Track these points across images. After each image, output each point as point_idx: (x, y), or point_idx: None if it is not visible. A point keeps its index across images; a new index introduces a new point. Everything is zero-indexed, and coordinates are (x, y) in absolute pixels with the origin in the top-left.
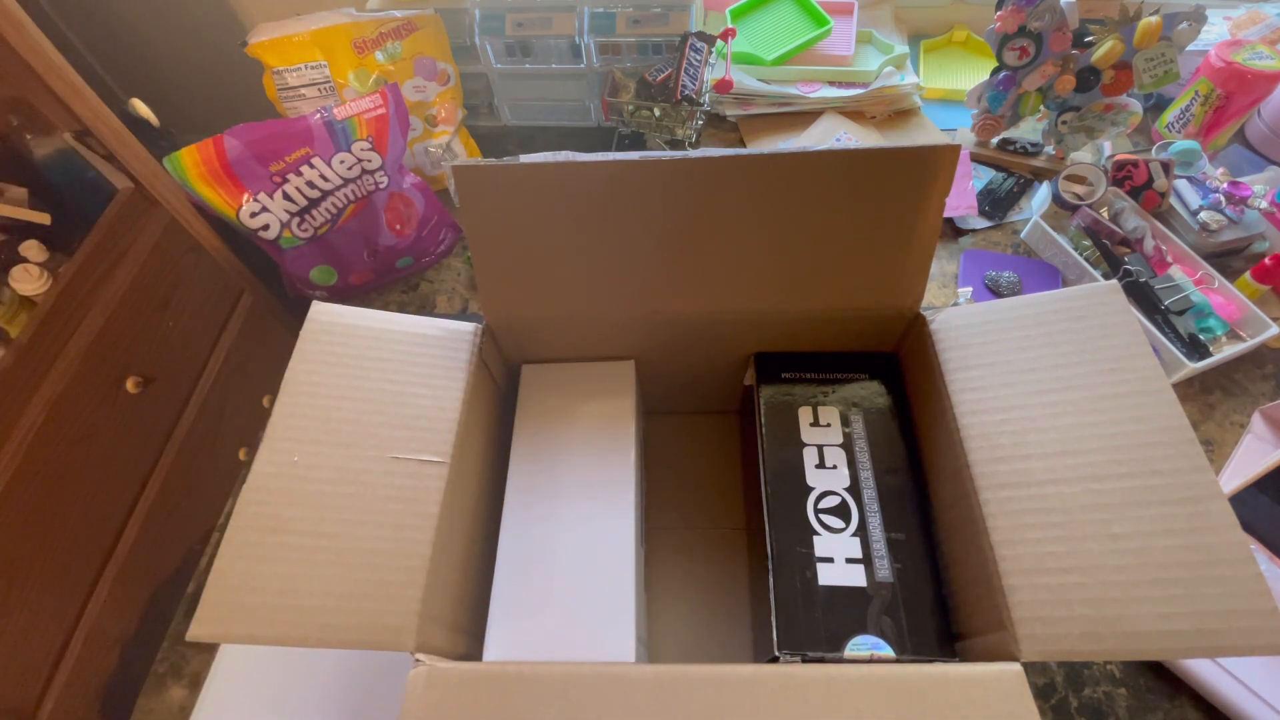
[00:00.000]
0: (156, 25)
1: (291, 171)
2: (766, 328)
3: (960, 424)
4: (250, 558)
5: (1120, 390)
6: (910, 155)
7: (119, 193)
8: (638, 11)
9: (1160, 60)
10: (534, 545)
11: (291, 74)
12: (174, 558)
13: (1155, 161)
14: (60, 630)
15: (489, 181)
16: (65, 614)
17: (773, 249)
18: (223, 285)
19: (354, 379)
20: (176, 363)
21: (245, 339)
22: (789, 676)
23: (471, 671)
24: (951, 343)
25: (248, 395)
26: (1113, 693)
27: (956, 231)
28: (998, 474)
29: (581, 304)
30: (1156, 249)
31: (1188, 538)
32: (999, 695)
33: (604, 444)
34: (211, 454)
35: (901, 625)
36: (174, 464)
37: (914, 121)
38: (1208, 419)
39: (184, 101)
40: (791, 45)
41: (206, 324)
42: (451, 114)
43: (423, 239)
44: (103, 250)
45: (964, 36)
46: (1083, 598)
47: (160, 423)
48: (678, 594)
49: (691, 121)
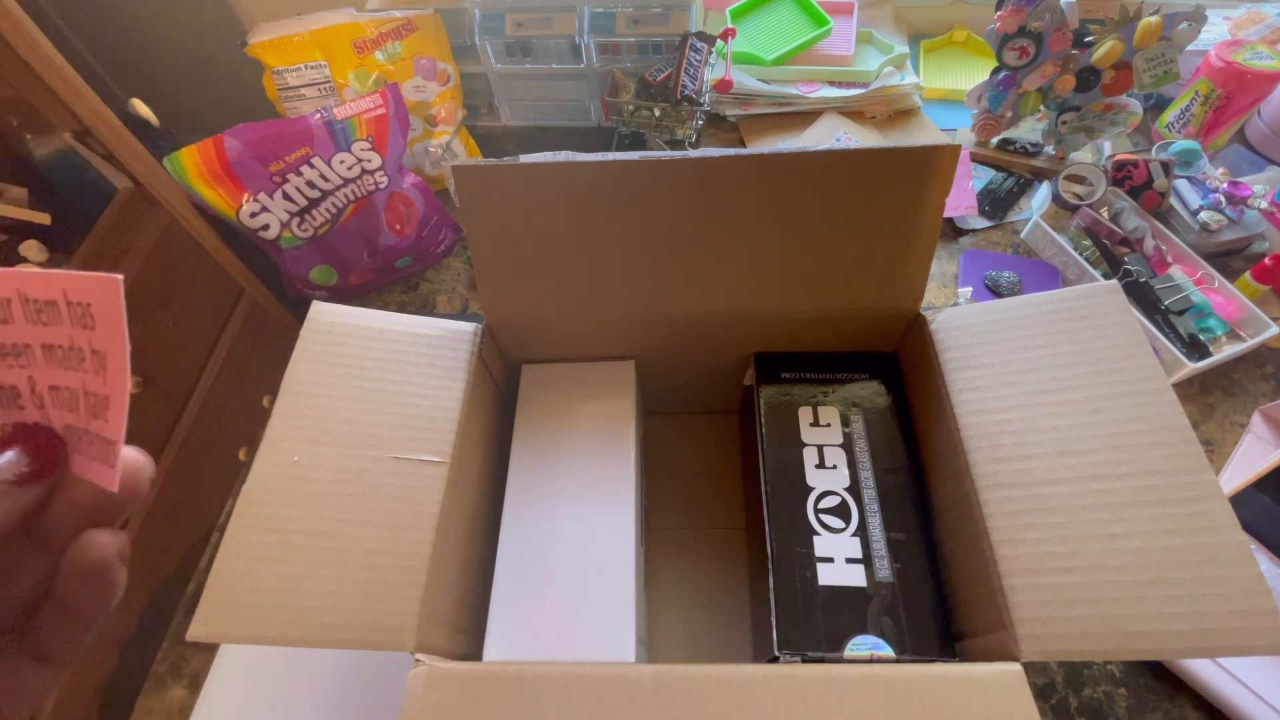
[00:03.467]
0: (157, 25)
1: (291, 171)
2: (766, 328)
3: (960, 424)
4: (250, 558)
5: (1120, 390)
6: (910, 155)
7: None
8: (638, 11)
9: (1160, 60)
10: (534, 545)
11: (291, 74)
12: (174, 557)
13: (1155, 161)
14: None
15: (489, 181)
16: None
17: (773, 249)
18: (223, 285)
19: (354, 379)
20: (176, 362)
21: (245, 339)
22: (789, 676)
23: (471, 671)
24: (951, 343)
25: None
26: (1113, 693)
27: (956, 231)
28: (998, 474)
29: (581, 304)
30: (1156, 249)
31: (1188, 538)
32: (999, 695)
33: (604, 444)
34: (211, 454)
35: (901, 625)
36: (174, 464)
37: (914, 121)
38: (1208, 419)
39: (184, 101)
40: (791, 45)
41: (206, 324)
42: (451, 114)
43: (423, 239)
44: (103, 250)
45: (964, 36)
46: (1083, 598)
47: (160, 422)
48: (678, 594)
49: (691, 121)
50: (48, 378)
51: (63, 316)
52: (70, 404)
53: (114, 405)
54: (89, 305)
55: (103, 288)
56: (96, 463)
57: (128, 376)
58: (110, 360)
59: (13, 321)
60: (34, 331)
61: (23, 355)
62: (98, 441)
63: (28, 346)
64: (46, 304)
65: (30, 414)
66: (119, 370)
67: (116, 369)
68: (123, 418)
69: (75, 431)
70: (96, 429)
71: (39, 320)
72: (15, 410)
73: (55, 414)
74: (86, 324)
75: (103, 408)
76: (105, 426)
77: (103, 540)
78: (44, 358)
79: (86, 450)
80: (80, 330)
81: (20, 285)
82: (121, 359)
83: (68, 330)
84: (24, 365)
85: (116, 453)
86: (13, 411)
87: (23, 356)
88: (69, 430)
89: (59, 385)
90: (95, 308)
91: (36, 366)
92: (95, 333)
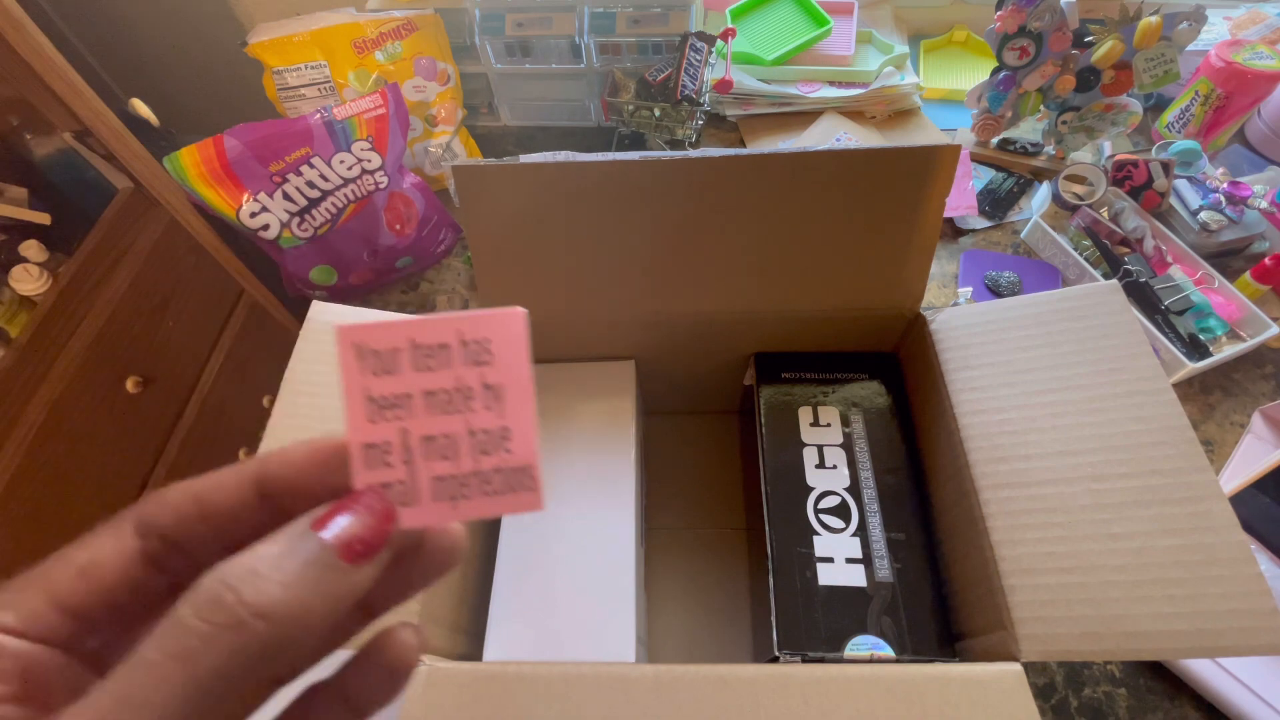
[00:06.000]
0: (157, 25)
1: (291, 171)
2: (766, 328)
3: (960, 424)
4: None
5: (1120, 390)
6: (910, 155)
7: (119, 193)
8: (638, 11)
9: (1160, 60)
10: (534, 545)
11: (291, 74)
12: None
13: (1155, 161)
14: None
15: (489, 181)
16: None
17: (773, 249)
18: (223, 285)
19: None
20: (177, 363)
21: (245, 339)
22: (789, 676)
23: (471, 671)
24: (951, 343)
25: (248, 395)
26: (1113, 693)
27: (956, 231)
28: (998, 474)
29: (581, 304)
30: (1156, 249)
31: (1188, 538)
32: (999, 695)
33: (604, 444)
34: (212, 454)
35: (901, 625)
36: (174, 464)
37: (914, 121)
38: (1208, 419)
39: (184, 101)
40: (791, 45)
41: (207, 324)
42: (451, 114)
43: (423, 239)
44: (103, 250)
45: (964, 36)
46: (1083, 598)
47: (160, 422)
48: (678, 594)
49: (691, 121)
50: (423, 428)
51: (453, 358)
52: (446, 451)
53: (518, 433)
54: (487, 341)
55: (504, 322)
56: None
57: (533, 406)
58: (510, 391)
59: (398, 373)
60: (418, 380)
61: (401, 407)
62: (497, 476)
63: (408, 397)
64: (438, 348)
65: (396, 472)
66: (522, 399)
67: (519, 399)
68: (533, 443)
69: (448, 482)
70: (494, 463)
71: (425, 367)
72: (382, 469)
73: (424, 467)
74: (481, 360)
75: (501, 439)
76: (510, 456)
77: (409, 641)
78: (424, 406)
79: (466, 492)
80: (470, 368)
81: (412, 333)
82: (525, 388)
83: (455, 372)
84: (400, 418)
85: (534, 476)
86: (379, 471)
87: (401, 408)
88: (437, 482)
89: (434, 434)
90: (495, 343)
91: (414, 417)
92: (491, 367)
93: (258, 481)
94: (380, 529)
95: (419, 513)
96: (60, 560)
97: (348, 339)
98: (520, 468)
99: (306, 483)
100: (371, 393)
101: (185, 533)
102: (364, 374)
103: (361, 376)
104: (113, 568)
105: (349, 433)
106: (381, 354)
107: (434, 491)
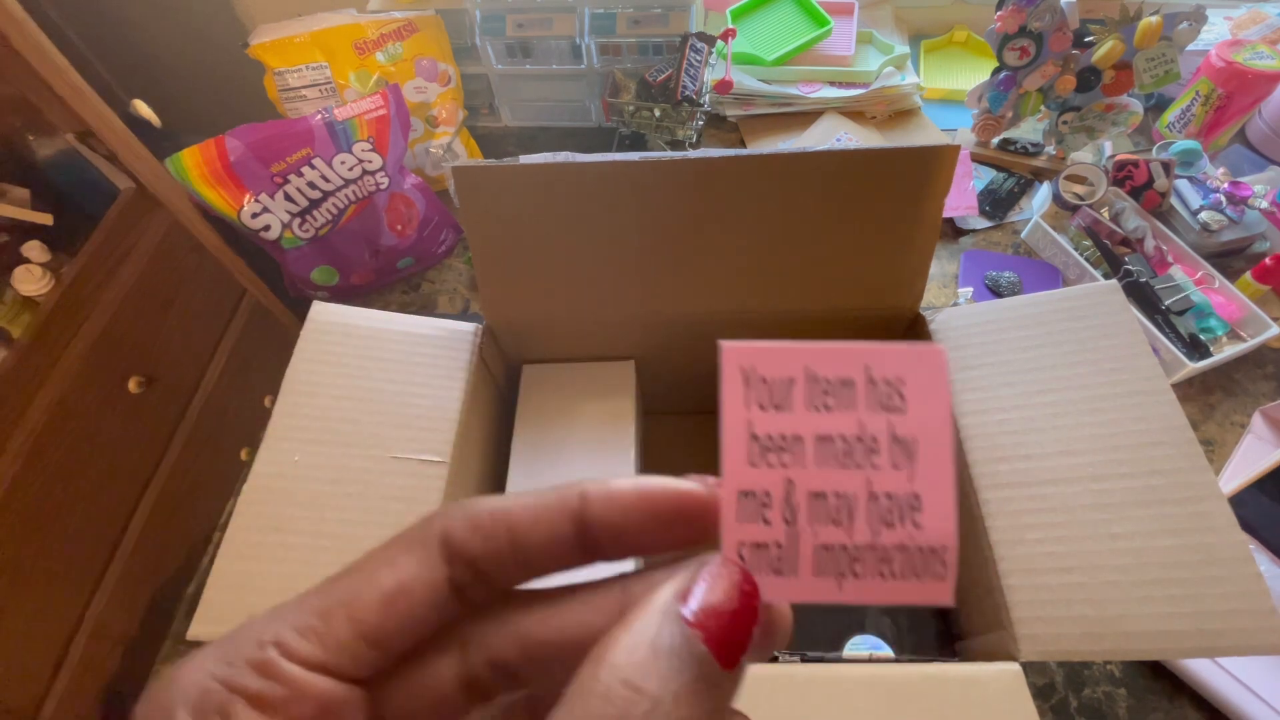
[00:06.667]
0: (159, 26)
1: (293, 172)
2: (767, 328)
3: (960, 424)
4: (250, 558)
5: (1120, 390)
6: (910, 155)
7: (121, 193)
8: (638, 12)
9: (1161, 60)
10: None
11: (293, 75)
12: (176, 558)
13: (1156, 161)
14: (63, 631)
15: (489, 182)
16: (68, 614)
17: (772, 249)
18: (225, 286)
19: (354, 379)
20: (179, 363)
21: (247, 339)
22: (789, 676)
23: None
24: (951, 343)
25: (249, 395)
26: (1113, 693)
27: (956, 231)
28: (998, 474)
29: (581, 304)
30: (1157, 249)
31: (1188, 538)
32: (998, 695)
33: (604, 444)
34: (213, 454)
35: (901, 625)
36: (176, 464)
37: (914, 121)
38: (1208, 419)
39: (186, 102)
40: (792, 45)
41: (208, 324)
42: (452, 115)
43: (424, 239)
44: (105, 251)
45: (964, 36)
46: (1083, 598)
47: (163, 423)
48: None
49: (692, 122)
50: (812, 481)
51: (858, 399)
52: (838, 515)
53: (932, 503)
54: (901, 382)
55: (924, 361)
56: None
57: (952, 471)
58: (925, 449)
59: (789, 409)
60: (811, 421)
61: (789, 451)
62: (899, 555)
63: (799, 440)
64: (839, 384)
65: (774, 531)
66: (939, 461)
67: (936, 459)
68: (951, 519)
69: (836, 554)
70: (897, 538)
71: (822, 405)
72: (758, 525)
73: (809, 530)
74: (891, 405)
75: (910, 508)
76: (919, 533)
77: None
78: (815, 455)
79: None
80: (877, 414)
81: (809, 361)
82: (944, 447)
83: (858, 415)
84: (786, 464)
85: (947, 562)
86: (754, 527)
87: (787, 453)
88: (823, 551)
89: (824, 491)
90: (910, 385)
91: (802, 467)
92: (904, 416)
93: (577, 520)
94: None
95: (794, 586)
96: (364, 581)
97: (734, 360)
98: (931, 549)
99: (630, 528)
100: (756, 429)
101: (492, 563)
102: (750, 405)
103: (746, 408)
104: (421, 598)
105: (726, 475)
106: (772, 383)
107: (817, 564)
